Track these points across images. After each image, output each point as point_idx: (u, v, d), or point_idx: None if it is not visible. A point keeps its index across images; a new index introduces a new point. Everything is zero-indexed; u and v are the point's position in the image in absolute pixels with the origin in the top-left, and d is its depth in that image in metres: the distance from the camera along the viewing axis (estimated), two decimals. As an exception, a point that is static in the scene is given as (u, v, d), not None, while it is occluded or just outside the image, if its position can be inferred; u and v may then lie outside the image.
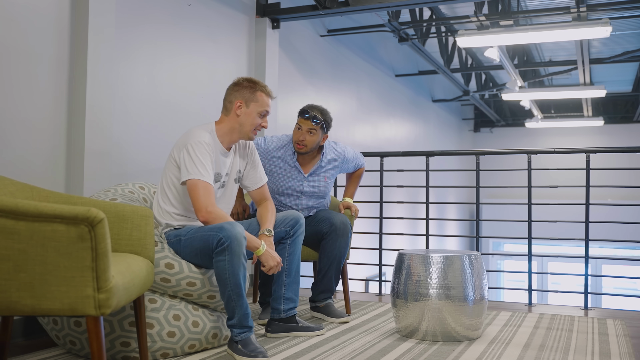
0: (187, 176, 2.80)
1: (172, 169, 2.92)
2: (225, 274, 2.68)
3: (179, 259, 2.82)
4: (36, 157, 3.20)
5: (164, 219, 2.97)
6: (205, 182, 2.80)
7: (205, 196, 2.78)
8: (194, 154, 2.82)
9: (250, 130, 3.02)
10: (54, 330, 2.72)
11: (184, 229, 2.91)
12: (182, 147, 2.87)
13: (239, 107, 3.02)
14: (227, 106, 3.07)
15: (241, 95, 3.04)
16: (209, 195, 2.79)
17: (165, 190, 2.95)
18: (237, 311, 2.73)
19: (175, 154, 2.92)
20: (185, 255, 2.86)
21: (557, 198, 11.18)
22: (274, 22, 5.21)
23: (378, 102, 8.72)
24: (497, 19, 6.19)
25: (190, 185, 2.80)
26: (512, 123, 14.88)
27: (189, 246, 2.83)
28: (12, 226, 1.94)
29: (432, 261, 3.11)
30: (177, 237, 2.91)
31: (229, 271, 2.68)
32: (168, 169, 2.95)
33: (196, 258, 2.82)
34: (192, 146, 2.83)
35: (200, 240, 2.77)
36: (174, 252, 2.88)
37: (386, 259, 5.56)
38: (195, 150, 2.82)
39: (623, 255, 13.85)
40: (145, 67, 3.98)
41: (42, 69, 3.23)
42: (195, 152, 2.82)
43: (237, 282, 2.69)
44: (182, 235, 2.88)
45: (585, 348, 3.02)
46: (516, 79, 9.27)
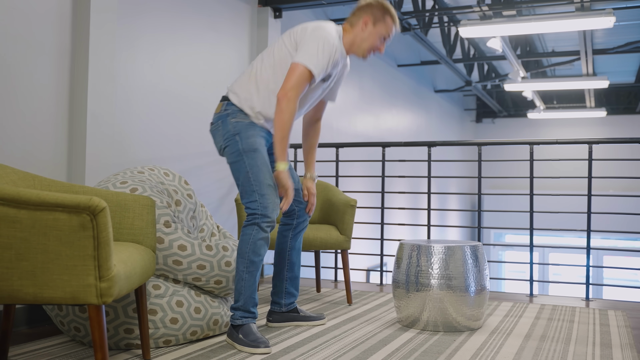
0: (300, 59, 2.78)
1: (285, 52, 2.89)
2: (246, 247, 2.76)
3: (191, 239, 2.82)
4: (38, 146, 3.20)
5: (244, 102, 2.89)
6: (309, 73, 2.78)
7: (298, 83, 2.77)
8: (321, 46, 2.80)
9: (367, 49, 3.00)
10: (58, 317, 2.73)
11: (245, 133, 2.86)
12: (312, 35, 2.84)
13: (366, 24, 2.99)
14: (353, 20, 3.03)
15: (371, 13, 3.00)
16: (300, 85, 2.78)
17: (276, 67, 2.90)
18: (244, 292, 2.76)
19: (296, 38, 2.89)
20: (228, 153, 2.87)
21: (559, 189, 11.20)
22: (276, 11, 5.20)
23: (380, 92, 8.70)
24: (499, 9, 6.15)
25: (295, 67, 2.78)
26: (514, 114, 14.84)
27: (238, 161, 2.84)
28: (14, 215, 1.94)
29: (434, 251, 3.12)
30: (235, 133, 2.86)
31: (251, 247, 2.75)
32: (280, 44, 2.92)
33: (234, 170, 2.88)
34: (323, 40, 2.82)
35: (245, 183, 2.81)
36: (222, 134, 2.87)
37: (387, 249, 5.57)
38: (324, 45, 2.81)
39: (624, 246, 13.86)
40: (147, 57, 3.97)
41: (44, 58, 3.22)
42: (323, 45, 2.81)
43: (253, 260, 2.76)
44: (241, 140, 2.85)
45: (587, 339, 3.03)
46: (519, 70, 9.24)
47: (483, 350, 2.77)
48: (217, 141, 2.94)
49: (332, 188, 4.11)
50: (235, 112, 2.89)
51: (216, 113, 2.95)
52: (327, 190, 4.10)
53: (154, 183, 2.97)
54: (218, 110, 2.95)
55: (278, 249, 3.22)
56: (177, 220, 2.88)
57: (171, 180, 3.14)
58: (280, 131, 2.76)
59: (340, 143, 4.99)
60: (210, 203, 4.63)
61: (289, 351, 2.69)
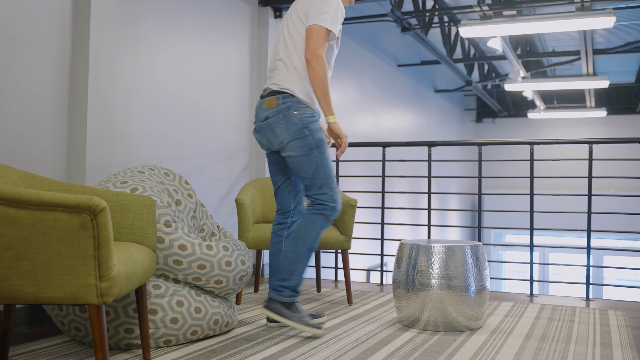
0: (314, 21, 2.93)
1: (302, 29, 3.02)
2: (312, 234, 2.97)
3: (192, 239, 2.83)
4: (38, 146, 3.20)
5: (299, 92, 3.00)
6: (326, 30, 2.93)
7: (319, 41, 2.91)
8: (331, 6, 2.96)
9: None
10: (58, 317, 2.73)
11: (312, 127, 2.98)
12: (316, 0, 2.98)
13: None
14: None
15: None
16: (322, 43, 2.92)
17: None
18: (298, 274, 2.98)
19: (304, 8, 3.01)
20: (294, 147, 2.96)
21: (559, 189, 11.19)
22: (276, 11, 5.20)
23: (380, 92, 8.70)
24: (500, 9, 6.15)
25: (311, 28, 2.93)
26: (514, 114, 14.84)
27: (308, 155, 2.96)
28: (14, 215, 1.94)
29: (434, 251, 3.12)
30: (303, 127, 2.97)
31: (316, 235, 2.98)
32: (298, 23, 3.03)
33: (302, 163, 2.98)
34: (332, 2, 2.97)
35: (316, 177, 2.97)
36: (287, 129, 2.96)
37: (388, 249, 5.57)
38: (334, 4, 2.97)
39: (625, 246, 13.85)
40: (147, 57, 3.97)
41: (45, 58, 3.22)
42: (332, 4, 2.97)
43: (313, 247, 3.00)
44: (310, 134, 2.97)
45: (587, 339, 3.03)
46: (519, 70, 9.24)
47: (483, 350, 2.77)
48: (279, 135, 3.00)
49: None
50: (294, 104, 2.98)
51: (271, 107, 3.01)
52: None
53: (154, 183, 2.97)
54: (273, 105, 3.00)
55: (273, 250, 3.23)
56: (177, 220, 2.88)
57: (171, 180, 3.14)
58: (320, 88, 2.91)
59: (341, 143, 4.98)
60: (211, 203, 4.63)
61: (289, 351, 2.69)
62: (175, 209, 2.98)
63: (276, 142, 3.02)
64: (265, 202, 4.12)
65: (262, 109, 3.05)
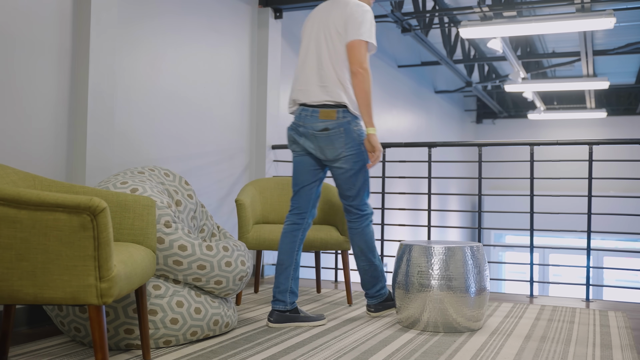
0: (355, 36, 3.11)
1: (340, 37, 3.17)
2: (373, 242, 3.34)
3: (192, 240, 2.83)
4: (39, 146, 3.20)
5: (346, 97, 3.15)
6: (366, 44, 3.13)
7: (364, 55, 3.11)
8: (367, 17, 3.15)
9: None
10: (58, 317, 2.73)
11: None
12: (356, 10, 3.14)
13: None
14: None
15: None
16: (366, 56, 3.13)
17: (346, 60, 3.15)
18: (382, 276, 3.42)
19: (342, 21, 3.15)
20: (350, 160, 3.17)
21: (559, 190, 11.18)
22: (277, 11, 5.20)
23: (380, 93, 8.70)
24: (500, 10, 6.15)
25: (353, 44, 3.11)
26: (514, 114, 14.84)
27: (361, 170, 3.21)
28: (14, 215, 1.94)
29: (434, 252, 3.12)
30: (361, 142, 3.20)
31: (374, 242, 3.36)
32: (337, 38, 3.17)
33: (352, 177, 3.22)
34: (366, 12, 3.16)
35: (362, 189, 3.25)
36: (345, 142, 3.15)
37: (388, 250, 5.57)
38: (369, 16, 3.16)
39: (625, 247, 13.86)
40: (147, 57, 3.97)
41: (45, 58, 3.22)
42: (367, 15, 3.15)
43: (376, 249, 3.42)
44: (365, 150, 3.20)
45: (587, 340, 3.03)
46: (519, 70, 9.24)
47: (483, 351, 2.77)
48: (337, 147, 3.16)
49: (332, 189, 4.11)
50: (353, 119, 3.17)
51: (330, 119, 3.14)
52: (327, 190, 4.10)
53: (154, 183, 2.97)
54: (332, 117, 3.14)
55: (286, 249, 3.25)
56: (177, 221, 2.88)
57: (171, 180, 3.14)
58: (365, 99, 3.09)
59: (341, 144, 4.98)
60: (211, 204, 4.63)
61: (289, 352, 2.69)
62: (175, 209, 2.98)
63: (331, 154, 3.17)
64: (265, 203, 4.12)
65: (317, 119, 3.15)
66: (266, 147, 5.09)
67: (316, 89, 3.16)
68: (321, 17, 3.23)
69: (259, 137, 5.11)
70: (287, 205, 4.17)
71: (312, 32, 3.25)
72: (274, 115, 5.21)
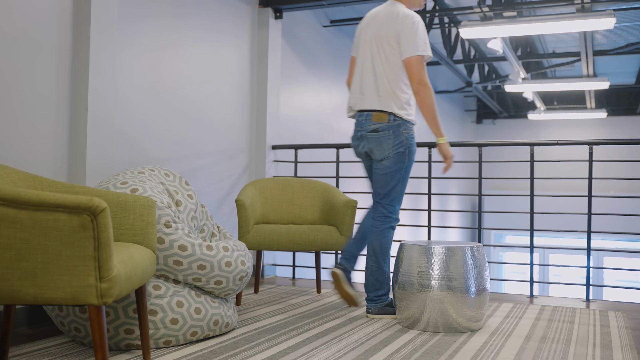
0: (411, 52, 3.20)
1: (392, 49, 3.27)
2: (387, 246, 3.37)
3: (192, 240, 2.83)
4: (39, 146, 3.20)
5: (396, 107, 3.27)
6: (421, 57, 3.21)
7: (421, 69, 3.22)
8: (418, 29, 3.21)
9: (422, 1, 3.47)
10: (58, 317, 2.73)
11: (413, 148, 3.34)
12: (405, 23, 3.21)
13: None
14: None
15: None
16: (424, 69, 3.23)
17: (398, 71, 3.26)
18: (387, 282, 3.41)
19: (394, 32, 3.25)
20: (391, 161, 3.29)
21: (559, 190, 11.18)
22: (277, 12, 5.20)
23: (380, 93, 8.69)
24: (500, 10, 6.15)
25: (412, 60, 3.20)
26: (514, 115, 14.83)
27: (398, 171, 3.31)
28: (14, 215, 1.94)
29: (434, 252, 3.11)
30: (407, 146, 3.31)
31: (389, 246, 3.38)
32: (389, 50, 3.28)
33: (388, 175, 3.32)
34: (415, 22, 3.22)
35: (393, 190, 3.33)
36: (392, 144, 3.26)
37: (388, 250, 5.56)
38: (418, 25, 3.21)
39: (625, 247, 13.85)
40: (147, 57, 3.97)
41: (45, 58, 3.22)
42: (418, 27, 3.21)
43: (390, 254, 3.43)
44: (409, 155, 3.33)
45: (587, 340, 3.03)
46: (519, 71, 9.24)
47: (483, 351, 2.77)
48: (385, 148, 3.30)
49: (332, 189, 4.11)
50: (404, 123, 3.29)
51: (382, 122, 3.30)
52: (327, 191, 4.10)
53: (154, 183, 2.97)
54: (384, 120, 3.29)
55: (365, 231, 3.49)
56: (177, 221, 2.88)
57: (171, 180, 3.14)
58: (429, 113, 3.24)
59: (341, 144, 4.99)
60: (211, 204, 4.63)
61: (289, 352, 2.69)
62: (175, 209, 2.98)
63: (379, 153, 3.33)
64: (266, 203, 4.12)
65: (370, 121, 3.33)
66: (266, 147, 5.09)
67: (370, 97, 3.33)
68: (374, 26, 3.36)
69: (259, 137, 5.11)
70: (287, 205, 4.17)
71: (366, 41, 3.39)
72: (274, 116, 5.21)
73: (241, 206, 3.75)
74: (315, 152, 5.89)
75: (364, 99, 3.37)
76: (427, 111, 3.23)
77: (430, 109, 3.22)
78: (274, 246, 3.74)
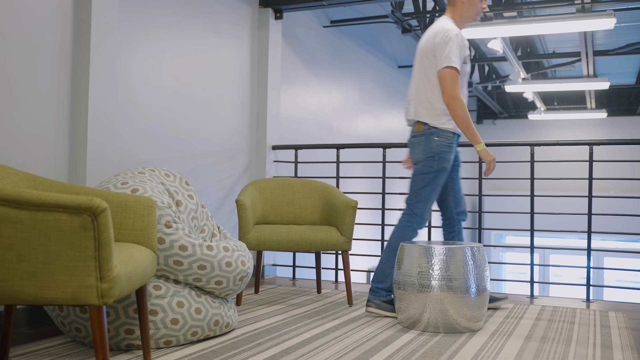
0: (442, 64, 3.29)
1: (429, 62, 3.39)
2: (400, 241, 3.39)
3: (192, 240, 2.83)
4: (39, 146, 3.20)
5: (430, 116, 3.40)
6: (452, 69, 3.30)
7: (452, 81, 3.30)
8: (449, 44, 3.29)
9: (475, 14, 3.52)
10: (59, 317, 2.73)
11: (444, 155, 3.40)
12: (440, 40, 3.33)
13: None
14: (450, 2, 3.53)
15: None
16: (454, 81, 3.31)
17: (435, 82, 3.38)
18: (391, 277, 3.41)
19: (432, 51, 3.36)
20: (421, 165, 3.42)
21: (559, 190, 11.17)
22: (277, 12, 5.20)
23: (381, 94, 8.70)
24: (500, 11, 6.15)
25: (442, 73, 3.31)
26: (515, 115, 14.84)
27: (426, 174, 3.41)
28: (15, 215, 1.94)
29: (434, 253, 3.12)
30: (437, 153, 3.39)
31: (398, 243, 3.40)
32: (427, 62, 3.40)
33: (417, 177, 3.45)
34: (448, 38, 3.30)
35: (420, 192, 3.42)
36: (423, 149, 3.41)
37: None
38: (450, 41, 3.30)
39: (625, 247, 13.85)
40: (148, 58, 3.97)
41: (45, 59, 3.23)
42: (450, 43, 3.29)
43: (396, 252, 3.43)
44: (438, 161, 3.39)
45: (587, 340, 3.03)
46: (519, 71, 9.24)
47: (484, 351, 2.77)
48: (417, 153, 3.47)
49: (332, 189, 4.11)
50: (438, 131, 3.41)
51: (418, 130, 3.47)
52: (327, 191, 4.10)
53: (154, 184, 2.97)
54: (420, 129, 3.45)
55: None
56: (178, 221, 2.88)
57: (172, 181, 3.14)
58: (463, 124, 3.34)
59: (341, 144, 4.99)
60: (211, 204, 4.63)
61: (289, 352, 2.69)
62: (175, 209, 2.98)
63: (414, 158, 3.50)
64: (266, 203, 4.12)
65: (412, 130, 3.53)
66: (266, 148, 5.09)
67: (412, 107, 3.50)
68: (422, 40, 3.50)
69: (260, 138, 5.11)
70: (288, 206, 4.18)
71: (416, 55, 3.54)
72: (275, 116, 5.21)
73: (241, 206, 3.76)
74: (315, 153, 5.90)
75: (409, 109, 3.54)
76: (459, 122, 3.35)
77: (461, 120, 3.33)
78: (274, 246, 3.74)
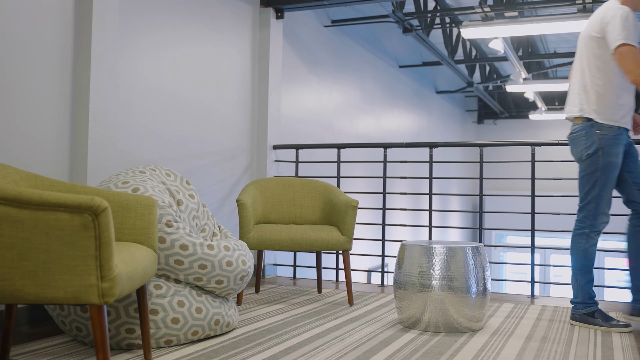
0: (615, 43, 3.06)
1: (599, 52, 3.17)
2: (576, 253, 3.29)
3: (193, 239, 2.83)
4: (40, 146, 3.20)
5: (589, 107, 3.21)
6: (630, 46, 3.05)
7: (632, 58, 3.05)
8: (623, 20, 3.06)
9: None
10: (60, 316, 2.73)
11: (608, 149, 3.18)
12: (610, 20, 3.09)
13: None
14: None
15: None
16: (635, 57, 3.06)
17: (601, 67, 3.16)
18: (579, 290, 3.29)
19: (598, 32, 3.15)
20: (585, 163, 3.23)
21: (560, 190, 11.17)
22: (278, 12, 5.20)
23: (382, 93, 8.70)
24: (501, 10, 6.16)
25: (621, 51, 3.06)
26: (515, 115, 14.84)
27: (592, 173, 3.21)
28: (16, 214, 1.94)
29: (435, 252, 3.12)
30: (600, 147, 3.17)
31: (582, 253, 3.28)
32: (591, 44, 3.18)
33: (583, 178, 3.26)
34: (620, 15, 3.07)
35: (589, 194, 3.23)
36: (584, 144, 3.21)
37: (389, 250, 5.57)
38: (623, 17, 3.06)
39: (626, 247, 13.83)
40: (149, 57, 3.97)
41: (46, 58, 3.23)
42: (622, 19, 3.06)
43: (585, 264, 3.30)
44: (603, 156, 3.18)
45: (588, 340, 3.03)
46: (520, 71, 9.24)
47: (484, 351, 2.77)
48: (578, 149, 3.30)
49: (333, 189, 4.11)
50: (598, 124, 3.19)
51: (578, 123, 3.29)
52: (328, 191, 4.10)
53: (155, 183, 2.97)
54: (579, 121, 3.28)
55: (633, 245, 3.47)
56: (179, 220, 2.88)
57: (173, 180, 3.14)
58: None
59: (342, 144, 4.99)
60: (212, 203, 4.64)
61: (290, 351, 2.69)
62: (176, 209, 2.98)
63: (576, 155, 3.33)
64: (267, 203, 4.12)
65: (573, 124, 3.35)
66: (267, 147, 5.10)
67: (571, 99, 3.36)
68: (585, 27, 3.29)
69: (260, 137, 5.12)
70: (288, 205, 4.18)
71: (578, 43, 3.33)
72: (275, 116, 5.21)
73: (242, 206, 3.76)
74: (316, 152, 5.90)
75: (568, 102, 3.39)
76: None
77: None
78: (274, 246, 3.74)
